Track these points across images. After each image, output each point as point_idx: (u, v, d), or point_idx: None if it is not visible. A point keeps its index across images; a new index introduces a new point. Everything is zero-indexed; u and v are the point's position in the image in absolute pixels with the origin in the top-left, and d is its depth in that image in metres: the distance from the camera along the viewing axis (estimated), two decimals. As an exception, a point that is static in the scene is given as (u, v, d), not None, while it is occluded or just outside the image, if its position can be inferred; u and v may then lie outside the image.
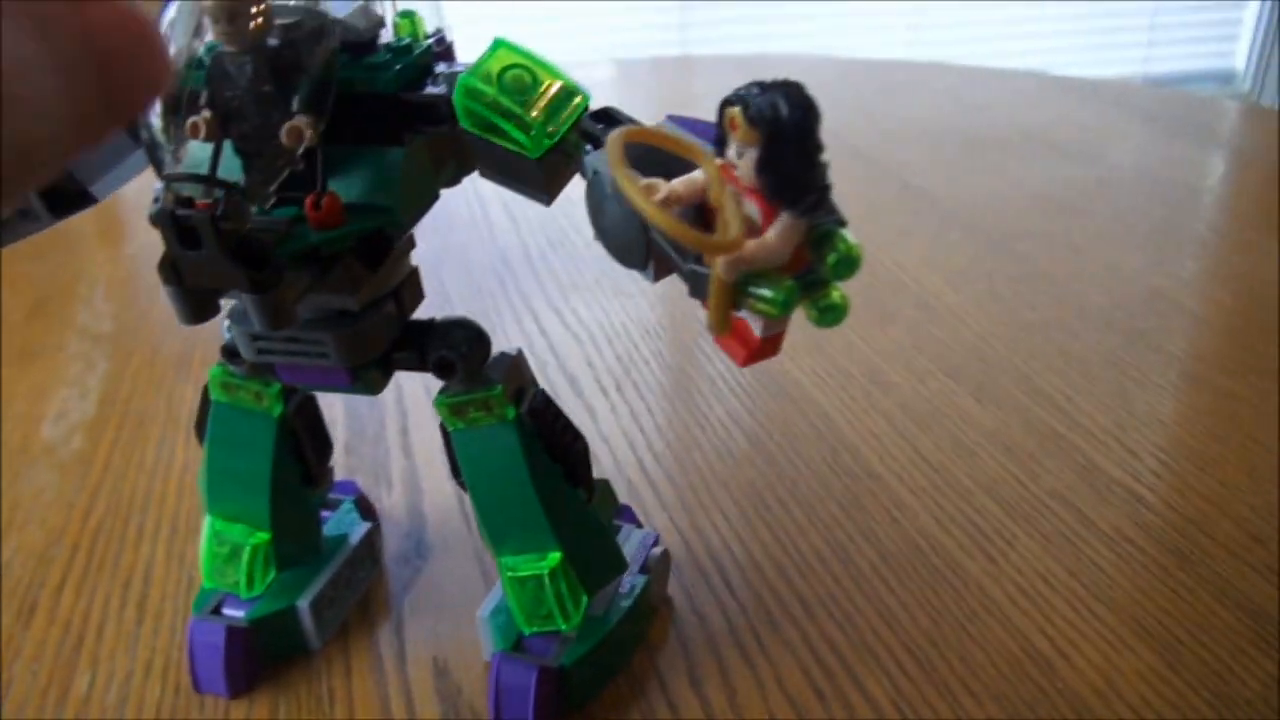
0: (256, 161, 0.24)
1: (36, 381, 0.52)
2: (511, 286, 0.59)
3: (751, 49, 1.87)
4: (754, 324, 0.21)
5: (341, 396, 0.45)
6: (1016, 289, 0.56)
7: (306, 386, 0.30)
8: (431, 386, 0.30)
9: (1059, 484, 0.40)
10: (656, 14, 1.89)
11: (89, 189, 1.25)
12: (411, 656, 0.34)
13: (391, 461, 0.44)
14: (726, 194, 0.19)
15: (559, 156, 0.23)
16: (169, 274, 0.23)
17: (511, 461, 0.30)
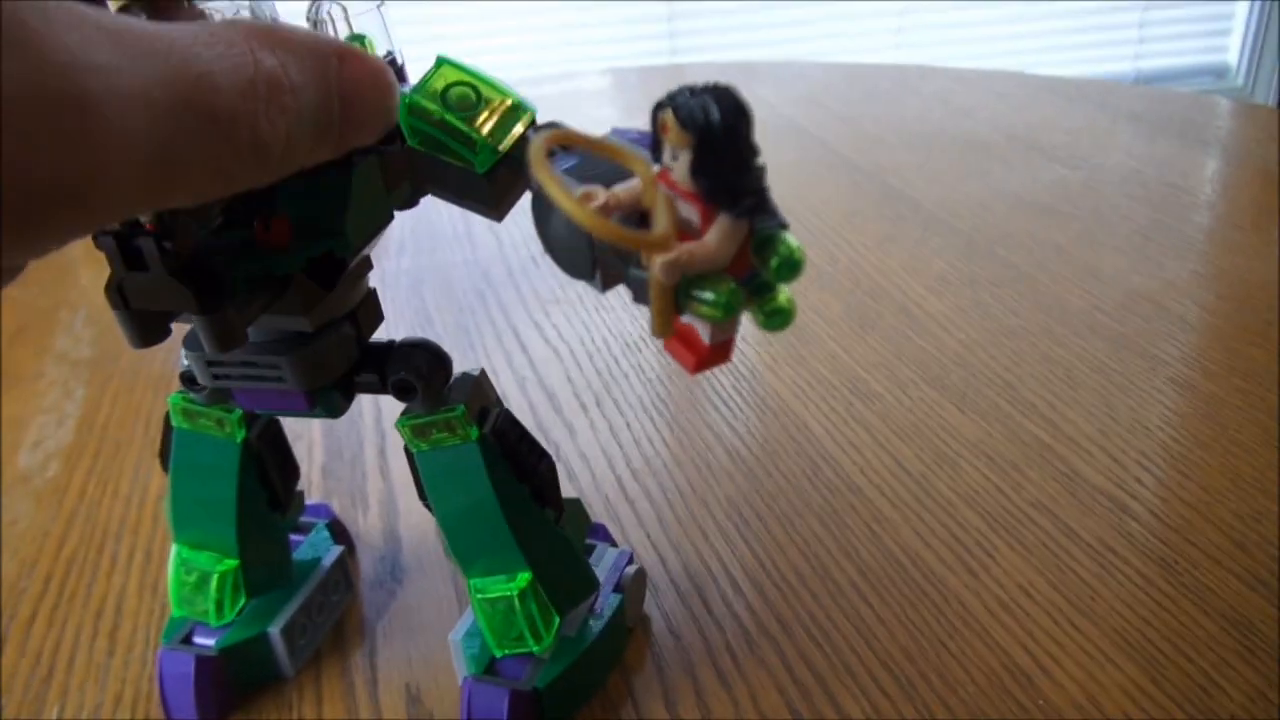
0: None
1: (13, 410, 0.51)
2: (493, 302, 0.59)
3: (739, 56, 1.88)
4: (702, 330, 0.21)
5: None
6: (1000, 295, 0.55)
7: (265, 411, 0.30)
8: (408, 408, 0.29)
9: (1042, 494, 0.40)
10: (645, 24, 1.90)
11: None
12: (384, 683, 0.33)
13: (369, 484, 0.43)
14: (657, 194, 0.19)
15: (507, 172, 0.23)
16: (115, 297, 0.23)
17: (476, 482, 0.29)
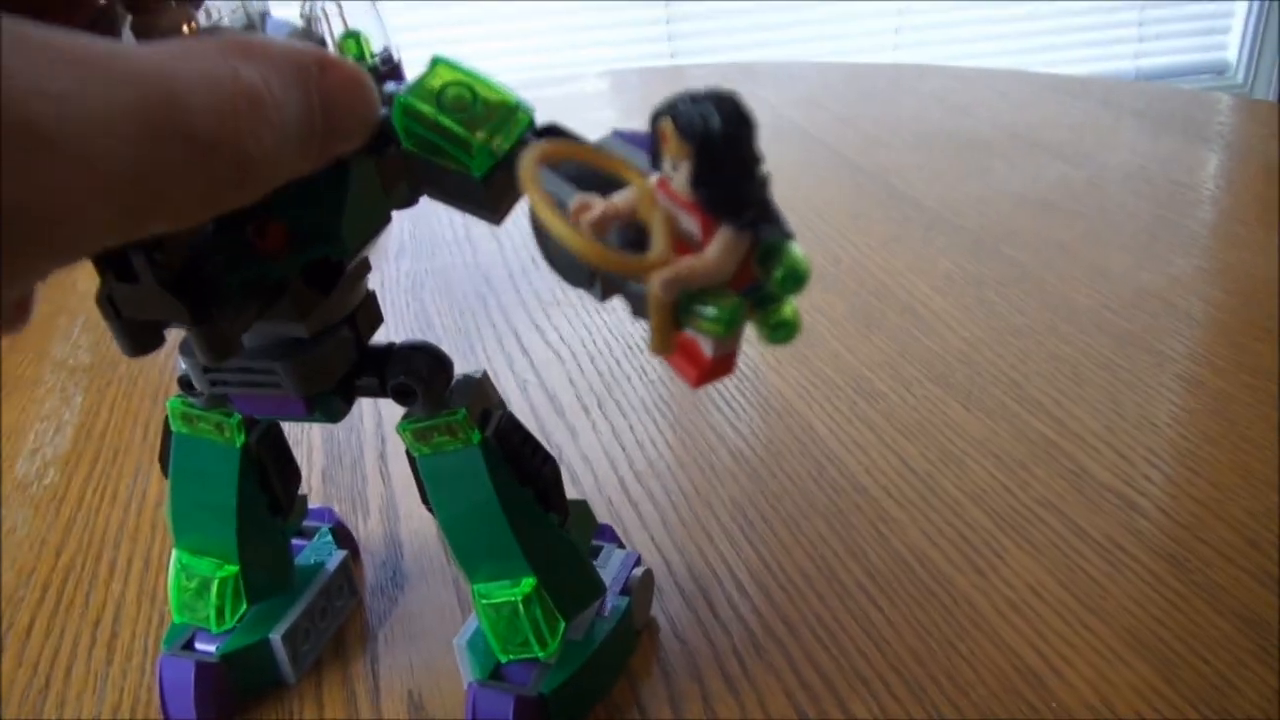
0: None
1: (11, 417, 0.51)
2: (494, 305, 0.58)
3: (739, 57, 1.87)
4: (704, 344, 0.20)
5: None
6: (1005, 293, 0.55)
7: (264, 417, 0.30)
8: (409, 412, 0.29)
9: (1049, 492, 0.39)
10: (644, 26, 1.90)
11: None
12: (386, 689, 0.33)
13: (370, 488, 0.43)
14: (655, 210, 0.19)
15: (504, 175, 0.22)
16: (106, 308, 0.23)
17: (479, 486, 0.29)
